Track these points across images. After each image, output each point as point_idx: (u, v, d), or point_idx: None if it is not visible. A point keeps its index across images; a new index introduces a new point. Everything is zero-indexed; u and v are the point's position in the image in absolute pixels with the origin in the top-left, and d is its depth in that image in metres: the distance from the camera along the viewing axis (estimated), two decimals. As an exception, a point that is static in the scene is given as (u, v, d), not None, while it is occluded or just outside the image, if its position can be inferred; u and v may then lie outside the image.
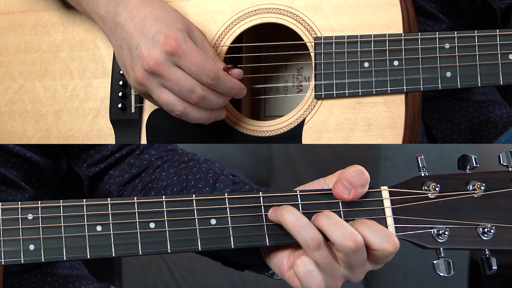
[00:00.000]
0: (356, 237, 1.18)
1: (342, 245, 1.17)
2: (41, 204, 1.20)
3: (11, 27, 1.54)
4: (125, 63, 1.37)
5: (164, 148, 1.48)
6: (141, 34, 1.34)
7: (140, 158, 1.47)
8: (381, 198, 1.24)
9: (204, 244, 1.21)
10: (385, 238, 1.19)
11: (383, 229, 1.20)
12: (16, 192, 1.43)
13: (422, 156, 1.26)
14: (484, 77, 1.36)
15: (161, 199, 1.22)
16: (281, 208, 1.21)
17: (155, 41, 1.33)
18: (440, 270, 1.22)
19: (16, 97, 1.53)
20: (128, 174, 1.46)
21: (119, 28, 1.37)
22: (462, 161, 1.26)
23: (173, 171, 1.43)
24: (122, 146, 1.48)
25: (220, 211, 1.22)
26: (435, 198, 1.24)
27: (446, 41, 1.37)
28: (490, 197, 1.24)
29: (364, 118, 1.39)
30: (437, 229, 1.22)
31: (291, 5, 1.43)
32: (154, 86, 1.35)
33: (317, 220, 1.20)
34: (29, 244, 1.19)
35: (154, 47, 1.33)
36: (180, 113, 1.36)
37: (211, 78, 1.34)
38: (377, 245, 1.19)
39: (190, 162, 1.45)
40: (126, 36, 1.36)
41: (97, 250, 1.20)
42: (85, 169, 1.49)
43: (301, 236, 1.19)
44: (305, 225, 1.19)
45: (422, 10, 1.61)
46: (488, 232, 1.22)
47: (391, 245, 1.19)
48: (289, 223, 1.19)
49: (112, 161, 1.47)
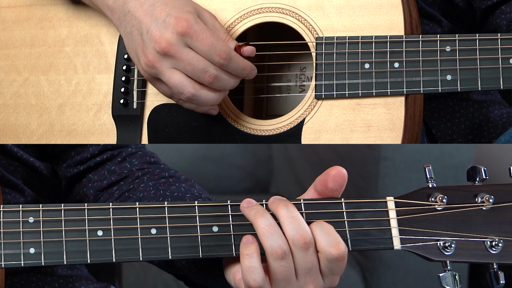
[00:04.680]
0: (306, 235, 1.17)
1: (292, 240, 1.17)
2: (42, 208, 1.20)
3: (17, 21, 1.55)
4: (135, 48, 1.38)
5: (147, 160, 1.48)
6: (151, 19, 1.35)
7: (121, 166, 1.46)
8: (387, 208, 1.22)
9: (205, 251, 1.21)
10: (333, 241, 1.17)
11: (335, 234, 1.18)
12: (19, 195, 1.44)
13: (430, 167, 1.24)
14: (485, 81, 1.36)
15: (163, 205, 1.21)
16: (255, 208, 1.20)
17: (166, 23, 1.33)
18: (447, 283, 1.20)
19: (21, 90, 1.54)
20: (107, 180, 1.46)
21: (128, 16, 1.37)
22: (471, 173, 1.23)
23: (151, 184, 1.43)
24: (103, 150, 1.47)
25: (223, 219, 1.22)
26: (442, 210, 1.22)
27: (447, 44, 1.37)
28: (499, 210, 1.22)
29: (363, 120, 1.40)
30: (444, 242, 1.21)
31: (293, 5, 1.43)
32: (165, 68, 1.35)
33: (276, 208, 1.19)
34: (30, 248, 1.19)
35: (166, 29, 1.33)
36: (191, 95, 1.36)
37: (223, 58, 1.35)
38: (323, 246, 1.17)
39: (171, 178, 1.44)
40: (136, 22, 1.36)
41: (97, 255, 1.19)
42: (64, 169, 1.48)
43: (268, 243, 1.18)
44: (275, 232, 1.18)
45: (425, 12, 1.61)
46: (496, 246, 1.21)
47: (336, 249, 1.17)
48: (260, 226, 1.18)
49: (92, 165, 1.47)
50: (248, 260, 1.18)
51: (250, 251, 1.18)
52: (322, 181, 1.22)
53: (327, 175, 1.22)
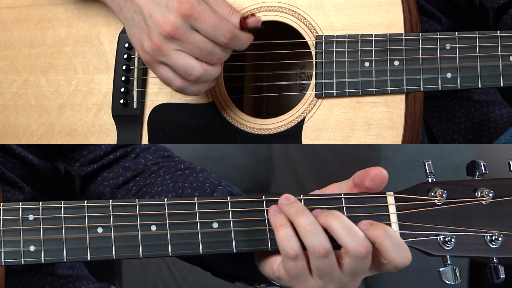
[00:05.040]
0: (368, 244, 1.17)
1: (354, 251, 1.16)
2: (42, 205, 1.20)
3: (16, 22, 1.55)
4: (138, 33, 1.38)
5: (161, 154, 1.48)
6: (153, 3, 1.35)
7: (136, 162, 1.47)
8: (387, 203, 1.22)
9: (205, 248, 1.21)
10: (403, 253, 1.17)
11: (400, 241, 1.18)
12: (19, 193, 1.44)
13: (429, 162, 1.24)
14: (485, 78, 1.36)
15: (163, 201, 1.21)
16: (295, 206, 1.20)
17: (169, 7, 1.34)
18: (447, 278, 1.20)
19: (20, 91, 1.54)
20: (123, 177, 1.46)
21: (128, 2, 1.38)
22: (471, 167, 1.23)
23: (168, 178, 1.43)
24: (116, 147, 1.48)
25: (223, 215, 1.22)
26: (442, 204, 1.22)
27: (447, 42, 1.37)
28: (499, 205, 1.22)
29: (364, 118, 1.40)
30: (444, 236, 1.21)
31: (293, 4, 1.43)
32: (171, 50, 1.36)
33: (327, 221, 1.19)
34: (30, 245, 1.19)
35: (169, 13, 1.34)
36: (200, 74, 1.37)
37: (228, 38, 1.36)
38: (391, 257, 1.17)
39: (187, 170, 1.45)
40: (137, 8, 1.37)
41: (97, 252, 1.19)
42: (77, 168, 1.49)
43: (310, 242, 1.18)
44: (317, 231, 1.18)
45: (425, 10, 1.61)
46: (496, 240, 1.21)
47: (407, 259, 1.18)
48: (301, 226, 1.18)
49: (106, 162, 1.47)
50: (283, 231, 1.18)
51: (283, 221, 1.19)
52: (361, 177, 1.22)
53: (367, 173, 1.22)
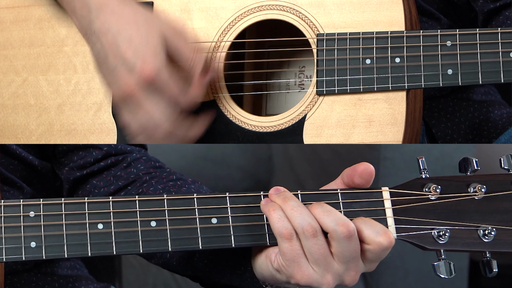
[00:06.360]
0: (349, 224, 1.18)
1: (334, 230, 1.18)
2: (43, 202, 1.21)
3: (16, 22, 1.55)
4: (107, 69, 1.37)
5: (152, 165, 1.48)
6: (116, 55, 1.34)
7: (127, 171, 1.46)
8: (382, 198, 1.25)
9: (205, 243, 1.22)
10: (380, 231, 1.19)
11: (379, 224, 1.21)
12: (18, 193, 1.44)
13: (423, 158, 1.26)
14: (485, 74, 1.37)
15: (163, 197, 1.22)
16: (284, 194, 1.22)
17: (131, 69, 1.33)
18: (440, 272, 1.22)
19: (19, 90, 1.54)
20: (114, 185, 1.46)
21: (94, 37, 1.36)
22: (463, 164, 1.26)
23: (161, 188, 1.43)
24: (107, 155, 1.47)
25: (221, 210, 1.23)
26: (436, 199, 1.24)
27: (448, 39, 1.38)
28: (491, 200, 1.24)
29: (365, 115, 1.40)
30: (438, 230, 1.23)
31: (294, 2, 1.44)
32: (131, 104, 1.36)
33: (311, 208, 1.20)
34: (31, 242, 1.20)
35: (131, 74, 1.33)
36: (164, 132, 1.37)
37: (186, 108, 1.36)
38: (372, 238, 1.19)
39: (178, 181, 1.45)
40: (102, 50, 1.35)
41: (98, 248, 1.20)
42: (66, 172, 1.48)
43: (298, 222, 1.19)
44: (303, 212, 1.19)
45: (424, 10, 1.62)
46: (488, 234, 1.23)
47: (386, 238, 1.19)
48: (288, 209, 1.20)
49: (96, 169, 1.47)
50: (275, 213, 1.20)
51: (273, 206, 1.20)
52: (349, 175, 1.24)
53: (355, 171, 1.24)
